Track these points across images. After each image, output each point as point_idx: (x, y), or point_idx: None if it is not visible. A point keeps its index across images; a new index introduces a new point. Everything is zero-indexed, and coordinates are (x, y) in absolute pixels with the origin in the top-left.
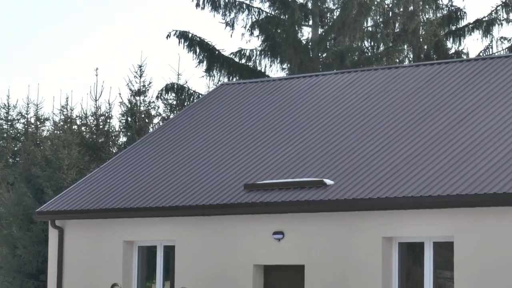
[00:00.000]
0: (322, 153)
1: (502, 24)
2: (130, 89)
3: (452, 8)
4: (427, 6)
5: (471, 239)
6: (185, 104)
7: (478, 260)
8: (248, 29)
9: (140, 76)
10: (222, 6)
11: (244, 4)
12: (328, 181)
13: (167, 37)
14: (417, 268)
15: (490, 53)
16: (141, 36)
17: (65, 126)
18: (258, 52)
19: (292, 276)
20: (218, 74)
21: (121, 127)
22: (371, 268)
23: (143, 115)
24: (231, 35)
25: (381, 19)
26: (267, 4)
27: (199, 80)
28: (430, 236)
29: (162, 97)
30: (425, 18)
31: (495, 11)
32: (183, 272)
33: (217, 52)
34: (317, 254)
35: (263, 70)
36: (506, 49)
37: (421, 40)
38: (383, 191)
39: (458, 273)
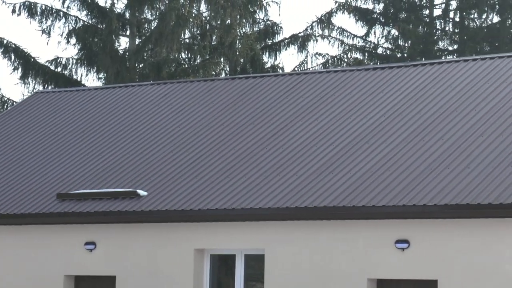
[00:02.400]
0: (136, 164)
1: (317, 40)
2: None
3: (269, 22)
4: (244, 20)
5: (282, 252)
6: None
7: (287, 274)
8: (65, 37)
9: None
10: (38, 13)
11: (61, 12)
12: (142, 192)
13: None
14: (229, 280)
15: (305, 68)
16: None
17: None
18: (74, 61)
19: (103, 287)
20: (33, 82)
21: None
22: (182, 280)
23: None
24: (48, 42)
25: (198, 31)
26: (85, 12)
27: (14, 88)
28: (242, 249)
29: None
30: (242, 32)
31: (310, 27)
32: None
33: (32, 60)
34: (129, 265)
35: (79, 79)
36: (321, 65)
37: (237, 53)
38: (196, 203)
39: (268, 286)
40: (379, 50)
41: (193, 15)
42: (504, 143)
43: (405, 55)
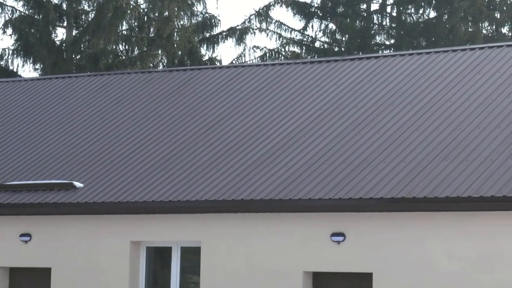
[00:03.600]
0: (72, 156)
1: (255, 33)
2: None
3: (207, 15)
4: (182, 13)
5: (218, 245)
6: None
7: (223, 267)
8: (1, 27)
9: None
10: None
11: None
12: (78, 184)
13: None
14: (165, 272)
15: (243, 61)
16: None
17: None
18: (10, 52)
19: (38, 279)
20: None
21: None
22: (118, 272)
23: None
24: None
25: (136, 23)
26: (21, 3)
27: None
28: (178, 241)
29: None
30: (179, 24)
31: (248, 20)
32: None
33: None
34: (65, 257)
35: (15, 70)
36: (258, 58)
37: (175, 45)
38: (132, 195)
39: (204, 279)
40: (317, 44)
41: (131, 6)
42: (440, 137)
43: (343, 49)
